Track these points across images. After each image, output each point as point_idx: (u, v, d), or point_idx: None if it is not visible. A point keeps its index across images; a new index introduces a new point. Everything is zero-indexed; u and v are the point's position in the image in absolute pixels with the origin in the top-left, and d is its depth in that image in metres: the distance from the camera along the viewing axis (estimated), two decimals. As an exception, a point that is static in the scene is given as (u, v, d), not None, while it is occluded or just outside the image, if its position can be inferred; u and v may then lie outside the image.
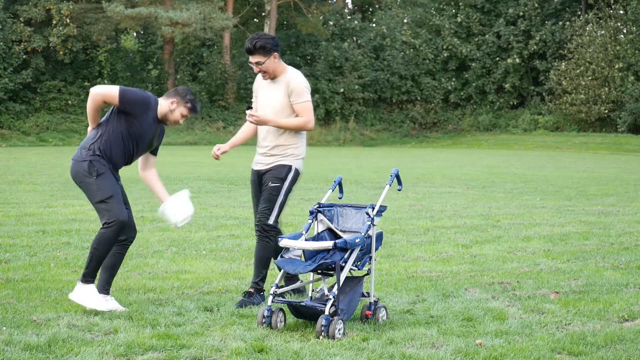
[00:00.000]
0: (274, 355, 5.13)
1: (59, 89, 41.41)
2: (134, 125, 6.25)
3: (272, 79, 6.75)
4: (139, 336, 5.47)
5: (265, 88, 6.83)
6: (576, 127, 45.62)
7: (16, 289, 6.84)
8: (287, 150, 6.75)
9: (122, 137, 6.26)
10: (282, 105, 6.71)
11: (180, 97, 6.34)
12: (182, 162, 25.51)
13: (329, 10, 50.69)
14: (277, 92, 6.73)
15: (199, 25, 40.83)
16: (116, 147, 6.27)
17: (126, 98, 6.19)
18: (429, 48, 49.22)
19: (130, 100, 6.20)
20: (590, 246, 9.74)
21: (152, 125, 6.33)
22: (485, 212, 13.12)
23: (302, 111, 6.69)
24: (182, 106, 6.35)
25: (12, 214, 11.73)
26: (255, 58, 6.63)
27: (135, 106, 6.22)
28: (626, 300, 6.78)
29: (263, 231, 6.72)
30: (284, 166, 6.73)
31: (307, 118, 6.69)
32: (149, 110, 6.29)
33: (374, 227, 6.09)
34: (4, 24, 39.37)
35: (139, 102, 6.23)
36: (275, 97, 6.74)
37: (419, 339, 5.54)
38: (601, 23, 45.91)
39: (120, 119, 6.26)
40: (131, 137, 6.28)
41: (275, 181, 6.70)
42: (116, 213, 6.14)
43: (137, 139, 6.30)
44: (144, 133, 6.30)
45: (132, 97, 6.22)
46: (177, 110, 6.34)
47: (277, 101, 6.72)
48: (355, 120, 47.30)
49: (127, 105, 6.21)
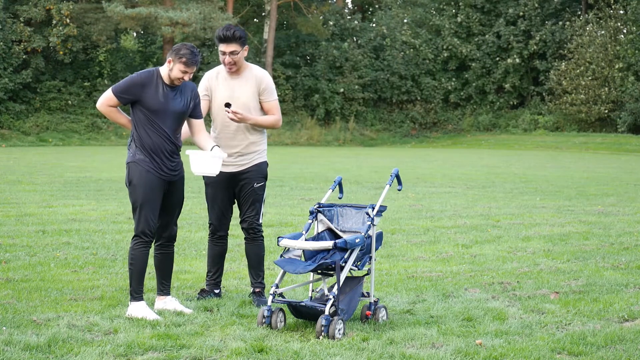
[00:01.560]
0: (274, 355, 5.13)
1: (59, 89, 41.41)
2: (145, 107, 6.14)
3: (235, 74, 6.60)
4: (139, 336, 5.47)
5: (225, 85, 6.62)
6: (576, 127, 45.62)
7: (16, 289, 6.84)
8: (260, 147, 6.69)
9: (145, 123, 6.16)
10: (251, 103, 6.57)
11: (174, 54, 6.15)
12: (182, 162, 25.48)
13: (329, 10, 50.67)
14: (245, 89, 6.58)
15: (199, 25, 40.83)
16: (148, 136, 6.15)
17: (119, 91, 6.16)
18: (429, 48, 49.21)
19: (123, 90, 6.15)
20: (590, 246, 9.74)
21: (164, 95, 6.17)
22: (485, 212, 13.12)
23: (274, 109, 6.64)
24: (178, 62, 6.14)
25: (12, 214, 11.73)
26: (231, 47, 6.46)
27: (130, 91, 6.14)
28: (626, 300, 6.78)
29: (256, 232, 6.72)
30: (262, 163, 6.69)
31: (278, 116, 6.67)
32: (147, 85, 6.15)
33: (374, 227, 6.09)
34: (4, 24, 39.37)
35: (131, 86, 6.15)
36: (244, 94, 6.57)
37: (419, 339, 5.54)
38: (601, 23, 45.91)
39: (135, 109, 6.19)
40: (152, 118, 6.13)
41: (260, 180, 6.66)
42: (143, 227, 6.14)
43: (158, 115, 6.13)
44: (159, 107, 6.12)
45: (124, 86, 6.18)
46: (175, 68, 6.16)
47: (246, 98, 6.57)
48: (355, 120, 47.30)
49: (126, 96, 6.15)
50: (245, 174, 6.63)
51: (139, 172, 6.14)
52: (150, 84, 6.17)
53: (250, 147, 6.64)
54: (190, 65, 6.14)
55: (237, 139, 6.61)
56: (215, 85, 6.68)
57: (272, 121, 6.64)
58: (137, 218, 6.16)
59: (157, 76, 6.21)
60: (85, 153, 30.77)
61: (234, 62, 6.52)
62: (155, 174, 6.15)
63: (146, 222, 6.13)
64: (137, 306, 6.09)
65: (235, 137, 6.61)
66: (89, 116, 41.39)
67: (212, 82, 6.69)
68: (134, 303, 6.12)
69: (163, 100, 6.15)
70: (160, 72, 6.25)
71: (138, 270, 6.14)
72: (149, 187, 6.13)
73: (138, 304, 6.10)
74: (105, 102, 6.20)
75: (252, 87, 6.58)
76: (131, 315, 6.03)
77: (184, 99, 6.26)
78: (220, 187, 6.69)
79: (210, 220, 6.84)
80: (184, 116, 6.30)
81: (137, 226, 6.15)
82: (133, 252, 6.16)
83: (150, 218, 6.14)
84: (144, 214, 6.13)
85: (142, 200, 6.12)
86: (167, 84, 6.21)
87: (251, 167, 6.64)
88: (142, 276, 6.17)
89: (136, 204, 6.15)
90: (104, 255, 8.63)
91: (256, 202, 6.67)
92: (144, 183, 6.13)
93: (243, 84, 6.60)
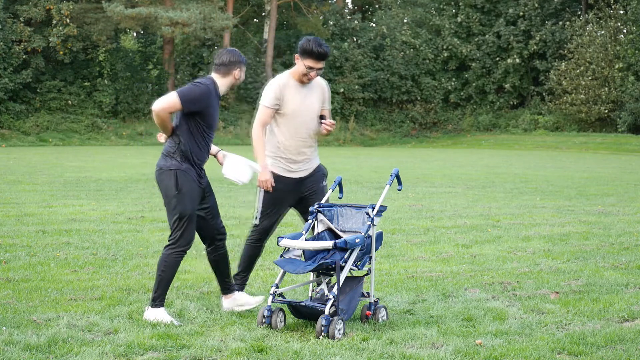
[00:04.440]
0: (274, 355, 5.13)
1: (59, 89, 41.41)
2: (204, 119, 6.10)
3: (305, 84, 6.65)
4: (139, 336, 5.47)
5: (299, 96, 6.57)
6: (576, 127, 45.63)
7: (16, 289, 6.84)
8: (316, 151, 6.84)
9: (198, 136, 6.11)
10: (319, 110, 6.70)
11: (239, 62, 6.23)
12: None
13: (329, 10, 50.68)
14: (313, 98, 6.64)
15: (199, 25, 40.83)
16: (196, 148, 6.10)
17: (188, 100, 6.01)
18: (429, 48, 49.22)
19: (192, 100, 6.02)
20: (590, 246, 9.74)
21: (217, 106, 6.25)
22: (485, 212, 13.12)
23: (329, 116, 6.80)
24: (243, 66, 6.30)
25: (12, 214, 11.73)
26: (321, 64, 6.51)
27: (197, 103, 6.04)
28: (626, 300, 6.78)
29: None
30: (320, 164, 6.82)
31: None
32: (211, 98, 6.13)
33: (374, 227, 6.09)
34: (4, 24, 39.37)
35: (200, 98, 6.04)
36: (313, 104, 6.65)
37: (419, 339, 5.54)
38: (601, 23, 45.92)
39: (189, 120, 6.08)
40: (205, 130, 6.13)
41: (324, 179, 6.78)
42: (185, 238, 6.07)
43: (210, 128, 6.18)
44: (214, 119, 6.20)
45: (193, 96, 6.03)
46: (242, 74, 6.32)
47: (316, 107, 6.67)
48: (355, 120, 47.31)
49: (191, 106, 6.02)
50: (312, 176, 6.69)
51: (190, 182, 6.08)
52: (213, 96, 6.15)
53: (314, 153, 6.74)
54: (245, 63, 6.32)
55: (307, 145, 6.65)
56: (287, 94, 6.53)
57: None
58: (181, 228, 6.05)
59: (214, 87, 6.20)
60: (85, 153, 30.77)
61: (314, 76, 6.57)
62: (198, 184, 6.16)
63: (190, 233, 6.08)
64: (157, 312, 5.98)
65: (305, 144, 6.64)
66: (89, 116, 41.40)
67: (284, 91, 6.52)
68: (154, 309, 5.99)
69: (217, 111, 6.25)
70: (216, 83, 6.22)
71: (168, 279, 6.05)
72: (195, 198, 6.10)
73: (158, 310, 5.99)
74: (169, 107, 5.99)
75: (319, 95, 6.68)
76: (148, 319, 5.95)
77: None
78: (288, 192, 6.60)
79: (260, 224, 6.60)
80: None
81: (180, 237, 6.05)
82: (167, 261, 6.04)
83: (193, 229, 6.12)
84: (190, 225, 6.08)
85: (191, 210, 6.06)
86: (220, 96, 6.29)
87: (315, 169, 6.75)
88: (170, 284, 6.10)
89: (184, 214, 6.04)
90: (104, 255, 8.63)
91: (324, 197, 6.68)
92: (193, 194, 6.08)
93: (312, 92, 6.64)
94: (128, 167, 22.69)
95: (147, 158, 27.89)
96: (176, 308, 6.33)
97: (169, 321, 5.89)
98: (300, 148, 6.60)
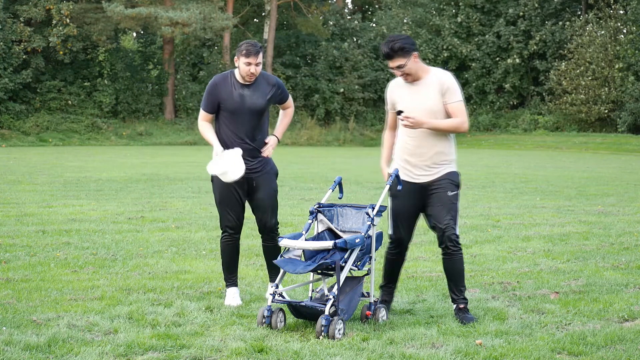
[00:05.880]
0: (274, 355, 5.13)
1: (59, 89, 41.41)
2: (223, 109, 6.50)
3: (415, 81, 6.21)
4: (139, 336, 5.47)
5: (407, 94, 6.23)
6: (576, 127, 45.63)
7: (16, 289, 6.84)
8: (449, 156, 6.26)
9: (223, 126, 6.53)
10: (436, 107, 6.16)
11: (237, 52, 6.45)
12: (182, 162, 25.52)
13: (329, 10, 50.69)
14: (427, 94, 6.17)
15: (199, 25, 40.82)
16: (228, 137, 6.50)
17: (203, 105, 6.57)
18: (429, 48, 49.22)
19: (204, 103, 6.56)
20: (590, 246, 9.74)
21: (236, 94, 6.45)
22: (485, 212, 13.12)
23: (457, 111, 6.15)
24: (240, 57, 6.42)
25: (12, 214, 11.73)
26: (395, 62, 6.10)
27: (209, 100, 6.52)
28: (626, 300, 6.78)
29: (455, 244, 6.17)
30: (453, 173, 6.24)
31: (462, 118, 6.15)
32: (218, 88, 6.49)
33: (374, 227, 6.10)
34: (4, 24, 39.37)
35: (207, 96, 6.54)
36: (426, 99, 6.16)
37: (419, 339, 5.54)
38: (601, 23, 45.91)
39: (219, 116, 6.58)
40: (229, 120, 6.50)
41: (453, 189, 6.19)
42: (222, 221, 6.65)
43: (233, 113, 6.47)
44: (235, 106, 6.44)
45: (204, 99, 6.57)
46: (240, 64, 6.43)
47: (430, 103, 6.16)
48: (355, 120, 47.32)
49: (209, 105, 6.53)
50: (436, 182, 6.21)
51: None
52: (220, 86, 6.51)
53: (437, 157, 6.20)
54: (248, 55, 6.36)
55: (424, 146, 6.20)
56: (397, 95, 6.31)
57: (454, 124, 6.14)
58: (218, 214, 6.67)
59: (226, 77, 6.53)
60: (85, 153, 30.77)
61: (407, 73, 6.16)
62: None
63: (225, 218, 6.61)
64: (227, 292, 6.62)
65: (422, 145, 6.20)
66: (89, 116, 41.40)
67: (393, 94, 6.34)
68: (226, 289, 6.66)
69: (240, 98, 6.47)
70: (234, 73, 6.53)
71: (225, 261, 6.69)
72: (224, 185, 6.49)
73: (228, 290, 6.63)
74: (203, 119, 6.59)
75: (435, 90, 6.17)
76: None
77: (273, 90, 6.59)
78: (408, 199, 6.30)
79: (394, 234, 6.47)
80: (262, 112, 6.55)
81: (220, 221, 6.68)
82: (220, 244, 6.73)
83: (228, 213, 6.58)
84: (221, 210, 6.60)
85: (219, 198, 6.58)
86: (241, 84, 6.49)
87: (442, 176, 6.21)
88: (229, 266, 6.68)
89: (215, 201, 6.66)
90: (104, 255, 8.63)
91: (452, 211, 6.17)
92: (220, 182, 6.49)
93: (425, 89, 6.19)
94: (128, 167, 22.69)
95: (147, 158, 27.90)
96: (176, 308, 6.32)
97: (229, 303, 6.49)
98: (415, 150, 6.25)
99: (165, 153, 32.24)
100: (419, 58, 6.21)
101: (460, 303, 6.20)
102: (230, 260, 6.71)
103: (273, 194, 6.64)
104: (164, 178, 18.84)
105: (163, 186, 16.66)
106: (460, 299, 6.21)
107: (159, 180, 18.03)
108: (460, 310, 6.17)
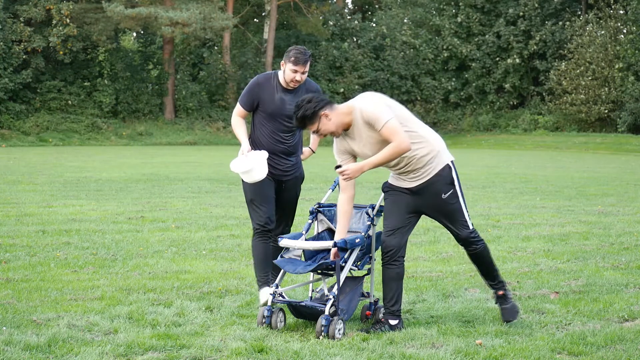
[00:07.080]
0: (274, 355, 5.13)
1: (59, 89, 41.42)
2: (261, 109, 6.51)
3: (346, 130, 5.71)
4: (139, 336, 5.47)
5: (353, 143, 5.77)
6: (576, 127, 45.65)
7: (16, 289, 6.84)
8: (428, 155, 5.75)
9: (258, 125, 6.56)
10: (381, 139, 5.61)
11: (285, 56, 6.42)
12: (182, 162, 25.52)
13: (329, 10, 50.70)
14: (364, 136, 5.67)
15: (199, 25, 40.83)
16: (263, 136, 6.53)
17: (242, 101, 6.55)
18: (429, 48, 49.25)
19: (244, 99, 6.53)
20: (590, 246, 9.74)
21: (277, 97, 6.46)
22: (485, 212, 13.12)
23: (388, 135, 5.53)
24: (287, 62, 6.39)
25: (12, 214, 11.73)
26: (310, 129, 5.72)
27: (249, 98, 6.50)
28: (626, 300, 6.78)
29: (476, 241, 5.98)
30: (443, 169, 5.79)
31: (396, 140, 5.52)
32: (260, 88, 6.48)
33: (374, 227, 6.09)
34: (4, 24, 39.38)
35: (247, 93, 6.52)
36: (368, 140, 5.66)
37: (419, 339, 5.54)
38: (601, 23, 45.94)
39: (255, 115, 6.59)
40: (266, 120, 6.51)
41: (447, 189, 5.79)
42: (254, 218, 6.56)
43: (273, 117, 6.47)
44: (274, 109, 6.45)
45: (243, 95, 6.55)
46: (287, 69, 6.40)
47: (372, 141, 5.66)
48: (355, 120, 47.29)
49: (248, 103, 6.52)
50: (427, 188, 5.81)
51: None
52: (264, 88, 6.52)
53: (418, 163, 5.75)
54: (297, 63, 6.34)
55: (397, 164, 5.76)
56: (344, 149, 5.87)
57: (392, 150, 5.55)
58: (250, 213, 6.61)
59: (270, 79, 6.52)
60: (85, 153, 30.77)
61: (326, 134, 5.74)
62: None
63: (256, 215, 6.53)
64: (260, 292, 6.43)
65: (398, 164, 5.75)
66: (89, 116, 41.41)
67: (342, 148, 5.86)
68: (260, 290, 6.48)
69: (282, 103, 6.45)
70: (278, 75, 6.52)
71: (257, 260, 6.54)
72: (256, 183, 6.43)
73: (261, 290, 6.43)
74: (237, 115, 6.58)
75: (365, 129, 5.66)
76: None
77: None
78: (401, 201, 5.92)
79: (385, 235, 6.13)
80: None
81: (252, 220, 6.59)
82: (252, 243, 6.60)
83: (259, 211, 6.52)
84: (253, 207, 6.55)
85: (251, 195, 6.54)
86: (283, 88, 6.48)
87: (430, 178, 5.78)
88: (262, 264, 6.51)
89: (247, 200, 6.61)
90: (104, 255, 8.63)
91: (455, 213, 5.88)
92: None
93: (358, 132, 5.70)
94: (128, 167, 22.69)
95: (147, 158, 27.90)
96: (176, 308, 6.32)
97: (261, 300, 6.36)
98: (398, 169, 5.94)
99: (165, 153, 32.24)
100: (331, 110, 5.62)
101: (499, 289, 6.09)
102: (265, 258, 6.48)
103: (296, 198, 6.78)
104: (164, 178, 18.84)
105: (163, 186, 16.66)
106: (496, 285, 6.11)
107: (159, 180, 18.03)
108: (500, 298, 6.08)
